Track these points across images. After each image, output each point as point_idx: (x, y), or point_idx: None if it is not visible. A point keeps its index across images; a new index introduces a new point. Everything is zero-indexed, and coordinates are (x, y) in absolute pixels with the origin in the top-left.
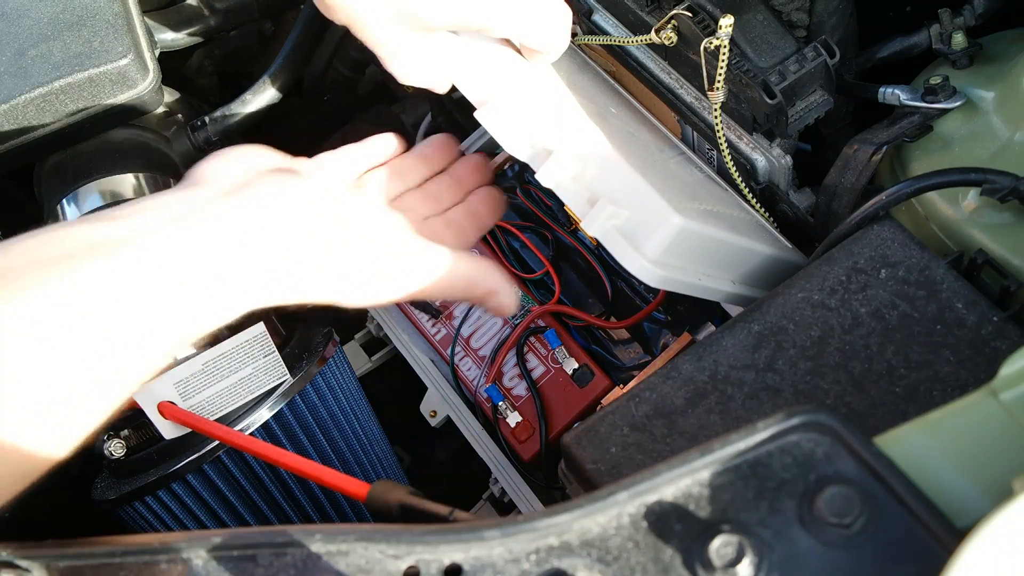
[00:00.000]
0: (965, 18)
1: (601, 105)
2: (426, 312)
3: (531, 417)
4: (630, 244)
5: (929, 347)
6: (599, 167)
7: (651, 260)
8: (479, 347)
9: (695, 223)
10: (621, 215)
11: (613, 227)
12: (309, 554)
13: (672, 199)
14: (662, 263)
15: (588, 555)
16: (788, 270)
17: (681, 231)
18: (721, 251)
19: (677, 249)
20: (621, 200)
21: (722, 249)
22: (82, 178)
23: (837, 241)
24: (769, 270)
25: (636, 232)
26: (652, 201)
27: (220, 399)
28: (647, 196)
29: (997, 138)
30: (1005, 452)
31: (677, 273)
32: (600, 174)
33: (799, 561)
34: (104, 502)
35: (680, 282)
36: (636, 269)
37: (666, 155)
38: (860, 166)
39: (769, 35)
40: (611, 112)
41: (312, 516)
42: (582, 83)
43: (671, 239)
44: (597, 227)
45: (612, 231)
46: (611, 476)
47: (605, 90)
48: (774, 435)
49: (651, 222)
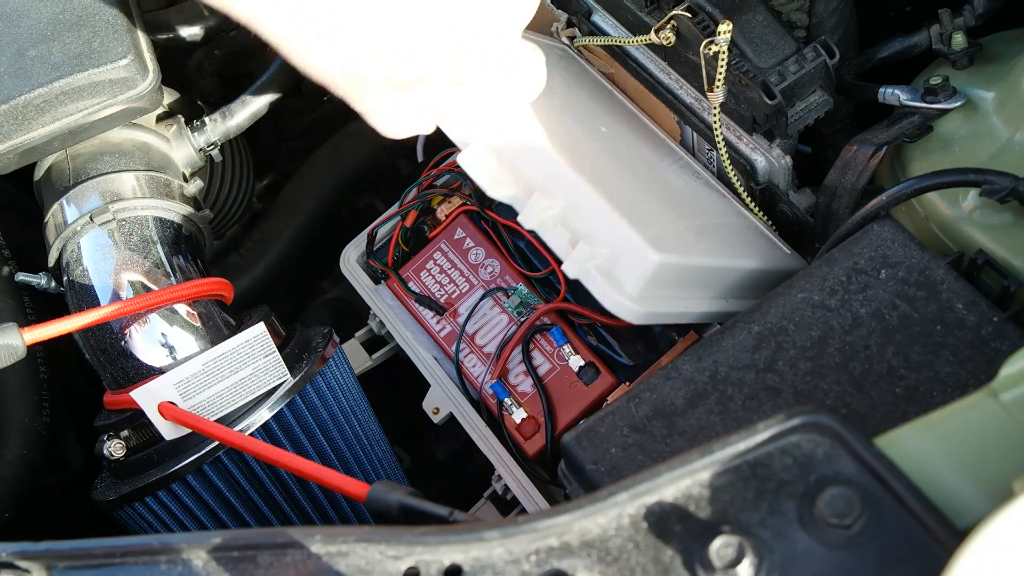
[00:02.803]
0: (965, 18)
1: (591, 124)
2: (431, 309)
3: (536, 413)
4: (609, 283)
5: (929, 347)
6: (578, 206)
7: (631, 298)
8: (484, 344)
9: (675, 256)
10: (600, 254)
11: (592, 267)
12: (309, 555)
13: (652, 231)
14: (644, 299)
15: (588, 556)
16: (785, 278)
17: (659, 267)
18: (708, 275)
19: (659, 282)
20: (600, 238)
21: (709, 273)
22: (82, 178)
23: (838, 243)
24: (764, 281)
25: (615, 271)
26: (629, 238)
27: (220, 399)
28: (624, 233)
29: (997, 138)
30: (1005, 452)
31: (662, 305)
32: (579, 213)
33: (799, 562)
34: (104, 502)
35: (666, 313)
36: (616, 308)
37: (659, 167)
38: (860, 166)
39: (769, 35)
40: (601, 131)
41: (312, 517)
42: (574, 98)
43: (650, 276)
44: (575, 269)
45: (591, 272)
46: (611, 477)
47: (599, 100)
48: (774, 436)
49: (629, 260)
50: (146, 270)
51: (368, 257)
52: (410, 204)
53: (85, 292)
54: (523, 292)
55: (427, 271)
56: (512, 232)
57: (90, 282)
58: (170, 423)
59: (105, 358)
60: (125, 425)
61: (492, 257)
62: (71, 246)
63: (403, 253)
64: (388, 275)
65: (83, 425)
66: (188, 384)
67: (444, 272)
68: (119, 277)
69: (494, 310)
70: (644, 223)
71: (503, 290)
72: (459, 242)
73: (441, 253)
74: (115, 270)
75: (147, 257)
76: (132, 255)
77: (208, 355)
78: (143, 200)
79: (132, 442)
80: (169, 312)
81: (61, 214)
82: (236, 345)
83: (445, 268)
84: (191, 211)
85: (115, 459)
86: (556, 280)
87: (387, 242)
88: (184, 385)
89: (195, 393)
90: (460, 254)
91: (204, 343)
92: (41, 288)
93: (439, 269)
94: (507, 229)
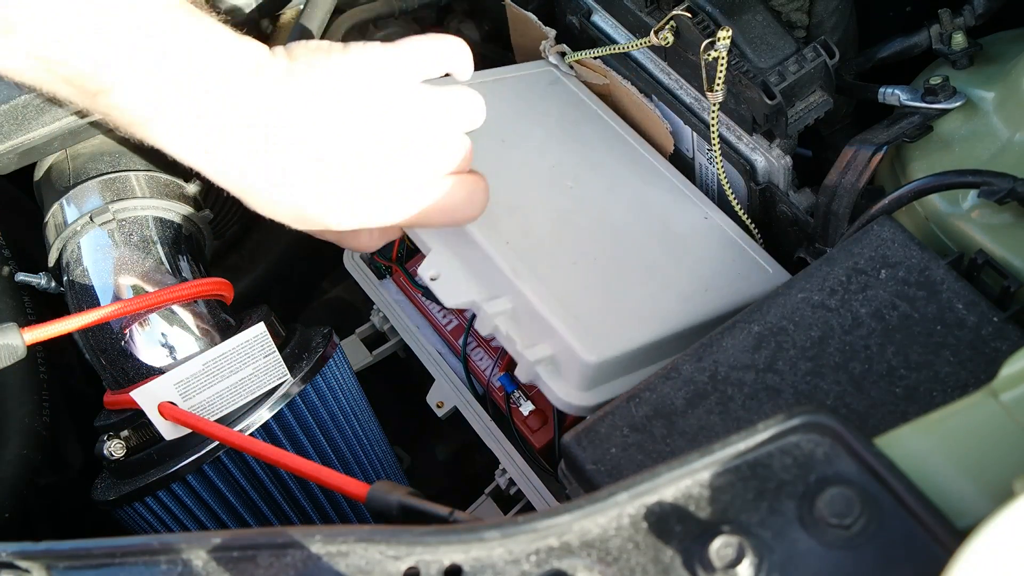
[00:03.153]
0: (965, 18)
1: (556, 180)
2: (437, 303)
3: (544, 406)
4: (556, 384)
5: (929, 348)
6: (523, 311)
7: (578, 396)
8: (491, 337)
9: (616, 347)
10: (546, 357)
11: (539, 371)
12: (309, 555)
13: (595, 328)
14: (594, 393)
15: (588, 556)
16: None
17: (599, 366)
18: (666, 343)
19: (607, 375)
20: (544, 341)
21: (667, 344)
22: (82, 178)
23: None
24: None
25: (562, 371)
26: (566, 340)
27: (220, 400)
28: (562, 335)
29: (997, 138)
30: (1005, 453)
31: (618, 388)
32: (524, 318)
33: (799, 562)
34: (104, 502)
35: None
36: (565, 408)
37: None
38: (860, 166)
39: (768, 35)
40: (568, 187)
41: (312, 517)
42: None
43: (592, 375)
44: (524, 374)
45: (540, 375)
46: (611, 477)
47: (582, 129)
48: (774, 436)
49: (569, 362)
50: (146, 270)
51: (373, 252)
52: None
53: (85, 292)
54: None
55: None
56: None
57: (90, 282)
58: (170, 423)
59: (105, 358)
60: (125, 425)
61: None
62: (71, 246)
63: (408, 250)
64: (393, 270)
65: (83, 425)
66: (188, 384)
67: None
68: (119, 277)
69: None
70: (585, 319)
71: None
72: None
73: None
74: (115, 270)
75: (147, 257)
76: (132, 255)
77: (208, 355)
78: (143, 200)
79: (132, 442)
80: (169, 312)
81: (61, 214)
82: (236, 345)
83: None
84: (191, 211)
85: (115, 459)
86: None
87: None
88: (184, 385)
89: (195, 393)
90: None
91: (204, 343)
92: (41, 288)
93: None
94: None
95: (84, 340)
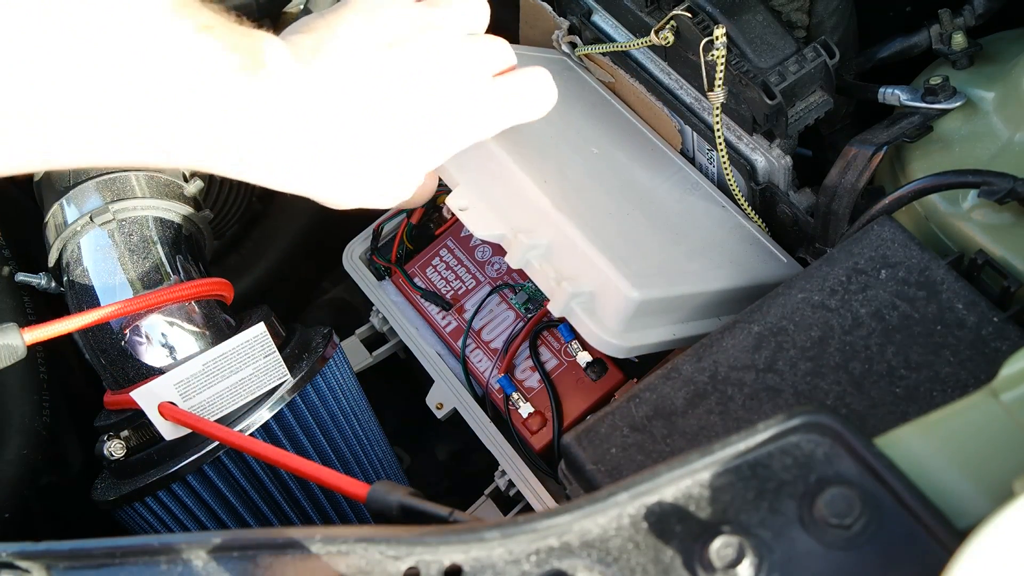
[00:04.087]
0: (965, 18)
1: (582, 146)
2: (437, 304)
3: (543, 408)
4: (593, 321)
5: (929, 348)
6: (560, 245)
7: (615, 334)
8: (490, 340)
9: (656, 289)
10: (584, 292)
11: (576, 306)
12: (309, 555)
13: (634, 266)
14: (628, 334)
15: (588, 556)
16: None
17: (640, 304)
18: (696, 301)
19: (643, 315)
20: (583, 276)
21: (695, 299)
22: (82, 178)
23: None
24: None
25: (598, 309)
26: (609, 276)
27: (220, 400)
28: (604, 271)
29: (997, 138)
30: (1005, 453)
31: (648, 337)
32: (562, 252)
33: (799, 562)
34: (104, 502)
35: (654, 344)
36: (600, 346)
37: (652, 187)
38: (860, 166)
39: (769, 35)
40: (593, 153)
41: (312, 517)
42: (568, 116)
43: (631, 313)
44: (559, 308)
45: (575, 310)
46: (611, 477)
47: (597, 113)
48: (774, 436)
49: (610, 298)
50: (146, 270)
51: (372, 253)
52: None
53: (85, 292)
54: (530, 289)
55: (433, 267)
56: None
57: (90, 282)
58: (170, 423)
59: (105, 358)
60: (125, 425)
61: (499, 254)
62: (71, 246)
63: (407, 251)
64: (392, 271)
65: (83, 425)
66: (188, 384)
67: (450, 268)
68: (119, 277)
69: (501, 306)
70: (626, 258)
71: (510, 286)
72: (466, 239)
73: (447, 250)
74: (115, 270)
75: (147, 257)
76: (132, 255)
77: (208, 355)
78: (143, 200)
79: (132, 442)
80: (169, 312)
81: (61, 214)
82: (236, 345)
83: (451, 264)
84: (191, 211)
85: (115, 459)
86: None
87: (391, 239)
88: (184, 385)
89: (195, 393)
90: (467, 251)
91: (204, 343)
92: (41, 288)
93: (445, 265)
94: None
95: (84, 340)
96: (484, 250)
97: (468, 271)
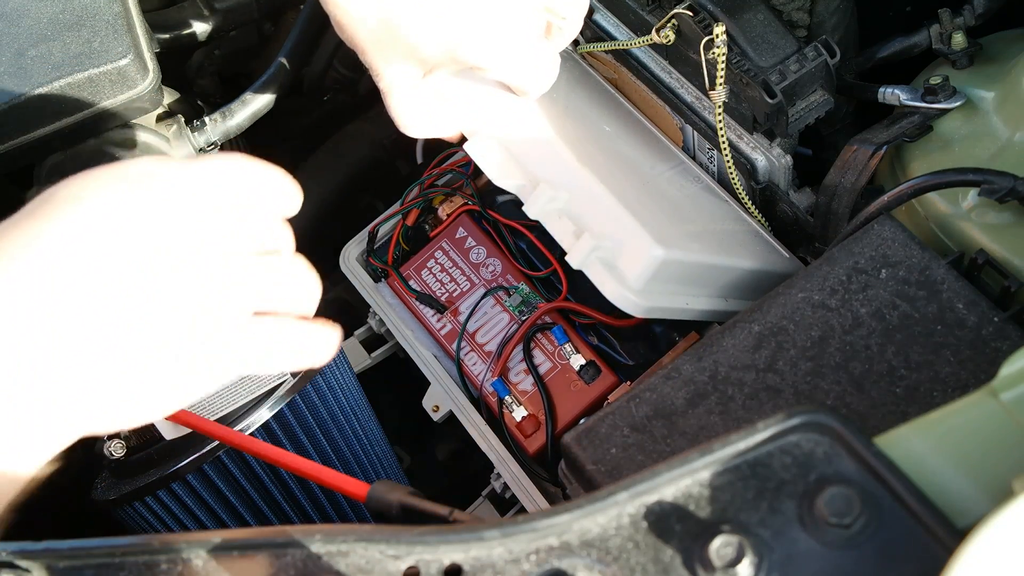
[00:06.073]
0: (965, 18)
1: (594, 125)
2: (431, 307)
3: (537, 411)
4: (612, 276)
5: (929, 347)
6: (583, 198)
7: (634, 291)
8: (484, 342)
9: (678, 251)
10: (605, 247)
11: (596, 259)
12: (309, 554)
13: (656, 227)
14: (647, 292)
15: (588, 555)
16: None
17: (663, 262)
18: (709, 273)
19: (662, 277)
20: (605, 231)
21: (710, 271)
22: None
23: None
24: (764, 283)
25: (619, 263)
26: (634, 232)
27: (220, 399)
28: (629, 227)
29: (997, 138)
30: (1005, 452)
31: (663, 300)
32: (584, 206)
33: (799, 561)
34: (104, 502)
35: (667, 308)
36: (618, 300)
37: (659, 171)
38: (860, 166)
39: (770, 35)
40: (604, 131)
41: (312, 516)
42: (578, 101)
43: (654, 270)
44: (579, 260)
45: (595, 263)
46: (611, 477)
47: (603, 104)
48: (774, 435)
49: (633, 253)
50: None
51: (368, 255)
52: (412, 203)
53: None
54: (524, 291)
55: (428, 269)
56: (514, 232)
57: None
58: (170, 422)
59: None
60: None
61: (494, 256)
62: None
63: (403, 252)
64: (388, 273)
65: None
66: None
67: (445, 271)
68: None
69: (495, 309)
70: (648, 218)
71: (504, 289)
72: (461, 241)
73: (442, 252)
74: None
75: None
76: None
77: None
78: None
79: (132, 442)
80: None
81: None
82: None
83: (446, 267)
84: None
85: (115, 459)
86: (557, 280)
87: (387, 241)
88: None
89: None
90: (461, 253)
91: None
92: None
93: (440, 268)
94: (509, 229)
95: None
96: (479, 252)
97: (463, 273)
